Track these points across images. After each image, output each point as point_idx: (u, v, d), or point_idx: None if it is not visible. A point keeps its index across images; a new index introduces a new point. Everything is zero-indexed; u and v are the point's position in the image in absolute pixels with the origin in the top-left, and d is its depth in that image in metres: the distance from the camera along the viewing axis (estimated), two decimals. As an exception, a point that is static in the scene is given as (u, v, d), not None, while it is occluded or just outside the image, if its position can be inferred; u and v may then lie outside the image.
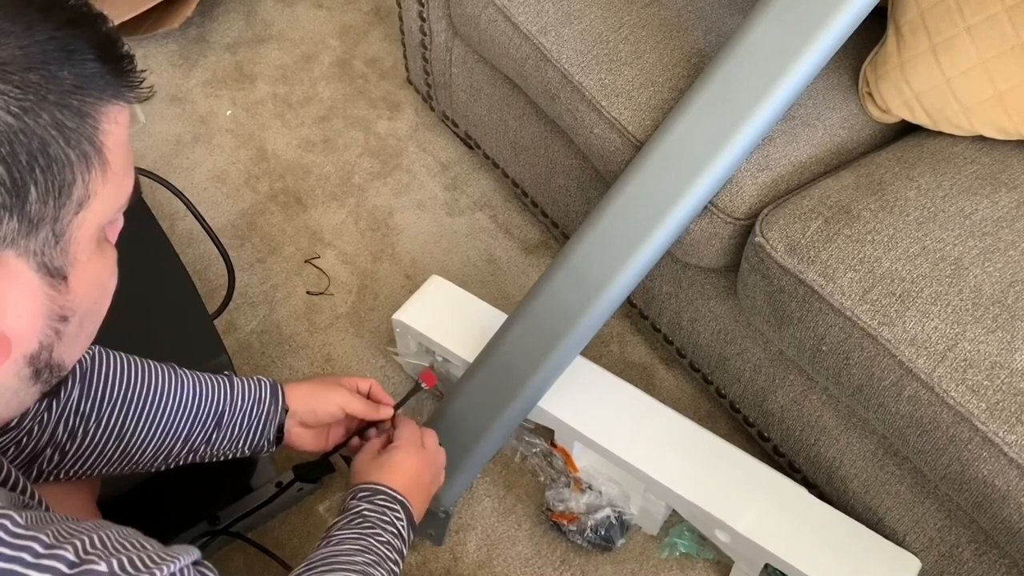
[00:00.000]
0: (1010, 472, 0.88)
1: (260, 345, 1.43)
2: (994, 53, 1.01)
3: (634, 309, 1.41)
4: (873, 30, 1.14)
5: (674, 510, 1.19)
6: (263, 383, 0.95)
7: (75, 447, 0.81)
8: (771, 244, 1.02)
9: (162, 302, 1.11)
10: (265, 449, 0.96)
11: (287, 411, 0.95)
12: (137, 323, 1.00)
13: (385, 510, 0.86)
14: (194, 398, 0.88)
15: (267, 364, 1.41)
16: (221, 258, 1.25)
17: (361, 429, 1.04)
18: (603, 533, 1.21)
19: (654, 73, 1.15)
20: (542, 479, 1.28)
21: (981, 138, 1.09)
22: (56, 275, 0.49)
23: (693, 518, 1.16)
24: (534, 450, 1.29)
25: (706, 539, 1.19)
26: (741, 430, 1.33)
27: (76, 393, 0.80)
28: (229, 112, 1.76)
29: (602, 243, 1.07)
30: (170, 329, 1.09)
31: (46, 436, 0.79)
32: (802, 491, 1.13)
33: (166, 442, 0.87)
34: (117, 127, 0.50)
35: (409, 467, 0.93)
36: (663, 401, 1.20)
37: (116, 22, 1.71)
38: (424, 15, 1.49)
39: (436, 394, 1.37)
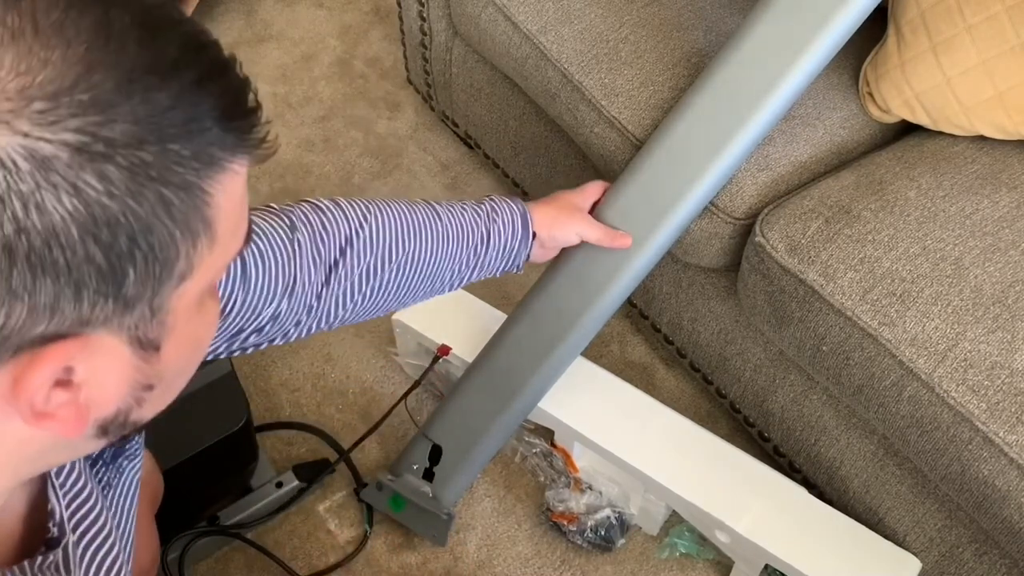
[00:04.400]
0: (1010, 472, 0.88)
1: (260, 345, 1.43)
2: (994, 53, 1.01)
3: (634, 309, 1.41)
4: (873, 30, 1.14)
5: (674, 510, 1.19)
6: (516, 221, 0.97)
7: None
8: (771, 244, 1.02)
9: (162, 302, 1.11)
10: (514, 271, 1.01)
11: (535, 236, 0.99)
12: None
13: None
14: (456, 247, 0.93)
15: (267, 364, 1.41)
16: (221, 258, 1.25)
17: None
18: (603, 533, 1.21)
19: (654, 73, 1.15)
20: (542, 479, 1.28)
21: (981, 138, 1.09)
22: (148, 347, 0.44)
23: (693, 518, 1.16)
24: (534, 450, 1.29)
25: (706, 539, 1.19)
26: (741, 430, 1.33)
27: (359, 274, 0.85)
28: (229, 112, 1.76)
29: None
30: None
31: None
32: (802, 491, 1.13)
33: (422, 287, 0.93)
34: (230, 190, 0.43)
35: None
36: (663, 401, 1.20)
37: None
38: (424, 15, 1.49)
39: (436, 394, 1.37)
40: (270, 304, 0.76)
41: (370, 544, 1.25)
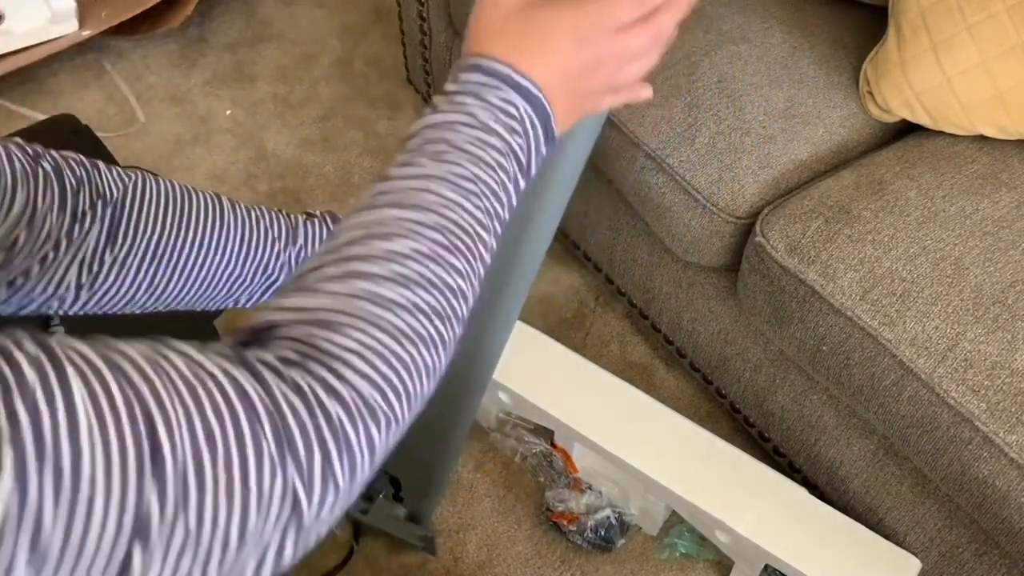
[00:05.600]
0: (1010, 472, 0.88)
1: (260, 345, 1.43)
2: (995, 52, 1.01)
3: (634, 309, 1.41)
4: (874, 29, 1.14)
5: (674, 510, 1.19)
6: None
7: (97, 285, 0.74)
8: (771, 244, 1.02)
9: (161, 302, 1.11)
10: None
11: None
12: (136, 322, 1.00)
13: (497, 111, 0.53)
14: (239, 253, 0.77)
15: (267, 364, 1.41)
16: (221, 258, 1.25)
17: None
18: (603, 533, 1.21)
19: (651, 70, 1.14)
20: (542, 479, 1.28)
21: (982, 137, 1.08)
22: None
23: (693, 519, 1.16)
24: (534, 450, 1.29)
25: (706, 540, 1.19)
26: (741, 430, 1.33)
27: (98, 241, 0.72)
28: (229, 112, 1.76)
29: None
30: (170, 329, 1.09)
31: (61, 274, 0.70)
32: (802, 491, 1.13)
33: (206, 294, 0.78)
34: None
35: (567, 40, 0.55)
36: (663, 401, 1.20)
37: (116, 22, 1.71)
38: (424, 15, 1.49)
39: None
40: (11, 223, 0.66)
41: (370, 544, 1.25)
